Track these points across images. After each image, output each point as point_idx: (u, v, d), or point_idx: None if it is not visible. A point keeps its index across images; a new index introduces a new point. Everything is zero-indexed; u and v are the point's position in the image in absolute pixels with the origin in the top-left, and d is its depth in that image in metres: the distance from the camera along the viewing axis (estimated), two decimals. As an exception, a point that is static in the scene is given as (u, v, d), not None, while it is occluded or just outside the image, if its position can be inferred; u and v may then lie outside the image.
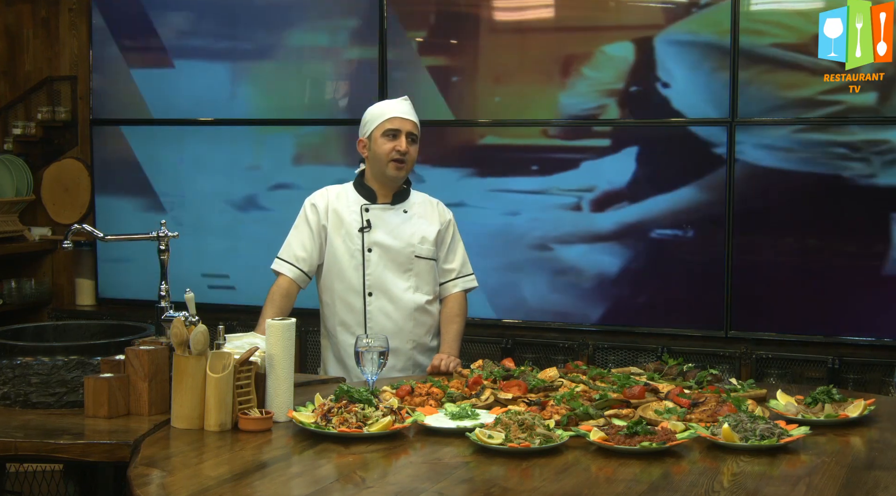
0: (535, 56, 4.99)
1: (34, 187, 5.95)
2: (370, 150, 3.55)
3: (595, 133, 4.94)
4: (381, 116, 3.53)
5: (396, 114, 3.53)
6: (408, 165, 3.54)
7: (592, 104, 4.91)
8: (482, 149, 5.12)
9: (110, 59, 5.70)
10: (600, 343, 4.89)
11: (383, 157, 3.51)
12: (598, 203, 4.94)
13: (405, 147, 3.50)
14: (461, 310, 3.64)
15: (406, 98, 3.62)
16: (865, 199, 4.57)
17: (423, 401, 2.88)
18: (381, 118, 3.53)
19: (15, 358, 2.89)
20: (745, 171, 4.70)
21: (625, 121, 4.89)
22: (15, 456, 2.65)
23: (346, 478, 2.35)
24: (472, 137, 5.12)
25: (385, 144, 3.51)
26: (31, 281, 5.90)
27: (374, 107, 3.60)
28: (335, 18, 5.33)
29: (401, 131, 3.51)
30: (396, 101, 3.60)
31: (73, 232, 3.11)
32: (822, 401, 2.83)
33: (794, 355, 4.64)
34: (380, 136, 3.51)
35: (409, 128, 3.53)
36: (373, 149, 3.54)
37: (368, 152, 3.56)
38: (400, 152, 3.50)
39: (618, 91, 4.87)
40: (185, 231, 3.39)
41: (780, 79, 4.63)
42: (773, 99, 4.65)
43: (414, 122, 3.56)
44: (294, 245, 3.58)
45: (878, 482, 2.30)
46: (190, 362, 2.70)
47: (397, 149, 3.50)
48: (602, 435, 2.55)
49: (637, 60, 4.83)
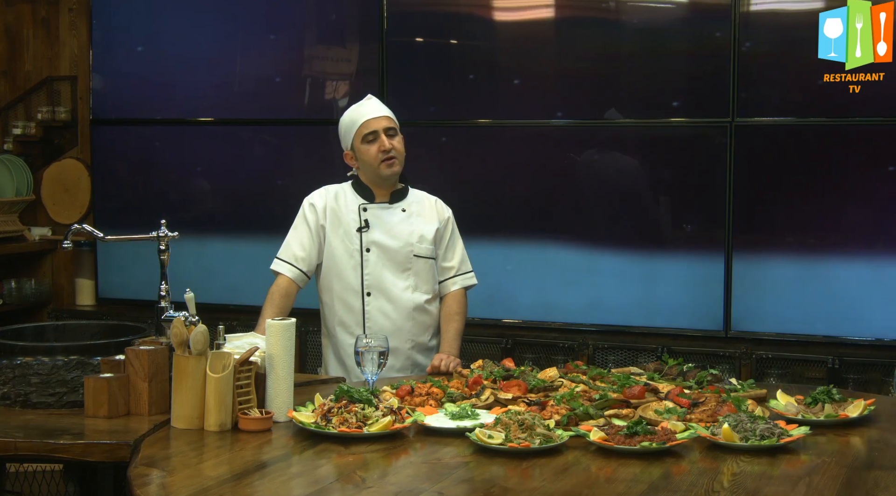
0: (535, 56, 4.99)
1: (34, 187, 5.95)
2: (358, 159, 3.56)
3: (594, 134, 4.95)
4: (353, 125, 3.54)
5: (367, 116, 3.53)
6: (399, 159, 3.54)
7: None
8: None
9: (110, 59, 5.70)
10: (600, 343, 4.89)
11: (373, 162, 3.52)
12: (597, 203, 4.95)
13: (388, 144, 3.51)
14: (461, 308, 3.64)
15: (370, 96, 3.63)
16: (866, 199, 4.57)
17: (423, 401, 2.88)
18: (355, 126, 3.53)
19: (15, 358, 2.89)
20: (746, 170, 4.70)
21: (625, 121, 4.89)
22: (15, 456, 2.65)
23: (346, 478, 2.35)
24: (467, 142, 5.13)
25: (369, 149, 3.51)
26: (31, 281, 5.90)
27: (345, 118, 3.60)
28: (336, 18, 5.33)
29: (378, 131, 3.51)
30: (362, 103, 3.61)
31: (73, 232, 3.11)
32: (822, 401, 2.83)
33: (794, 355, 4.64)
34: (361, 144, 3.52)
35: (385, 124, 3.53)
36: (360, 158, 3.55)
37: (357, 162, 3.57)
38: (385, 151, 3.50)
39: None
40: (185, 231, 3.39)
41: (780, 79, 4.63)
42: (773, 99, 4.65)
43: (387, 116, 3.56)
44: (293, 245, 3.58)
45: (878, 482, 2.30)
46: (190, 362, 2.70)
47: (382, 149, 3.50)
48: (602, 435, 2.55)
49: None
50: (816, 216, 4.65)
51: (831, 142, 4.60)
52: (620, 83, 4.88)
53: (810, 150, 4.63)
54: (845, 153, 4.59)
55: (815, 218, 4.65)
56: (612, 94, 4.89)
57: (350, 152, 3.58)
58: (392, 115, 3.58)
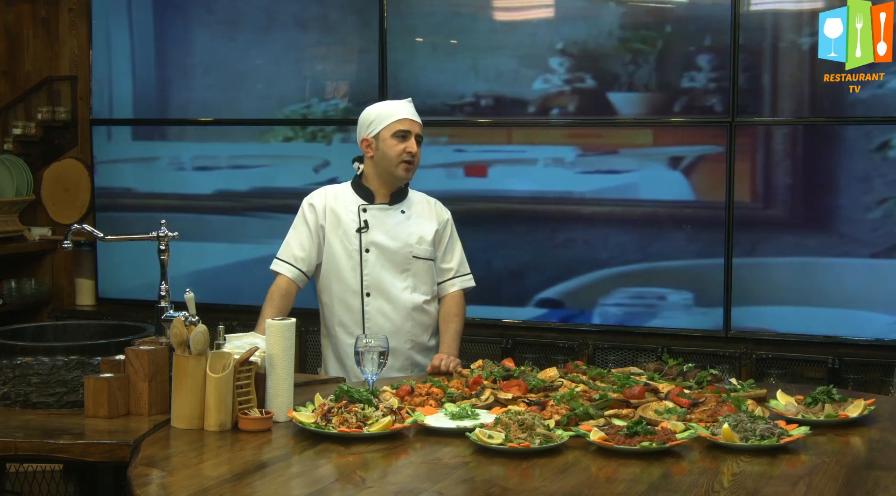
0: (535, 55, 4.99)
1: (34, 187, 5.95)
2: (377, 149, 3.54)
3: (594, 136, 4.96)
4: (389, 117, 3.52)
5: (406, 115, 3.53)
6: (415, 167, 3.55)
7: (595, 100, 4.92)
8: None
9: (110, 59, 5.70)
10: (600, 343, 4.89)
11: (394, 158, 3.51)
12: (597, 202, 4.94)
13: (415, 148, 3.52)
14: (459, 309, 3.64)
15: (410, 100, 3.63)
16: (866, 199, 4.57)
17: (423, 401, 2.88)
18: (391, 118, 3.52)
19: (15, 358, 2.89)
20: (746, 170, 4.70)
21: (625, 120, 4.89)
22: (15, 456, 2.65)
23: (346, 478, 2.35)
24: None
25: (396, 145, 3.51)
26: (31, 281, 5.89)
27: (379, 106, 3.60)
28: (335, 18, 5.33)
29: (410, 133, 3.52)
30: (402, 102, 3.60)
31: (73, 232, 3.11)
32: (822, 401, 2.83)
33: (794, 355, 4.64)
34: (389, 137, 3.51)
35: (418, 130, 3.55)
36: (381, 148, 3.53)
37: (374, 152, 3.55)
38: (411, 154, 3.51)
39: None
40: (185, 231, 3.39)
41: (780, 79, 4.63)
42: (773, 99, 4.65)
43: (421, 124, 3.58)
44: (293, 245, 3.58)
45: (878, 482, 2.31)
46: (190, 362, 2.70)
47: (408, 150, 3.50)
48: (602, 435, 2.55)
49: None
50: (816, 216, 4.65)
51: (831, 142, 4.60)
52: (621, 83, 4.88)
53: (810, 150, 4.63)
54: (845, 153, 4.59)
55: (815, 218, 4.65)
56: (612, 93, 4.89)
57: (371, 140, 3.55)
58: (422, 126, 3.58)
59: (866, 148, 4.56)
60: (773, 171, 4.69)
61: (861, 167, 4.57)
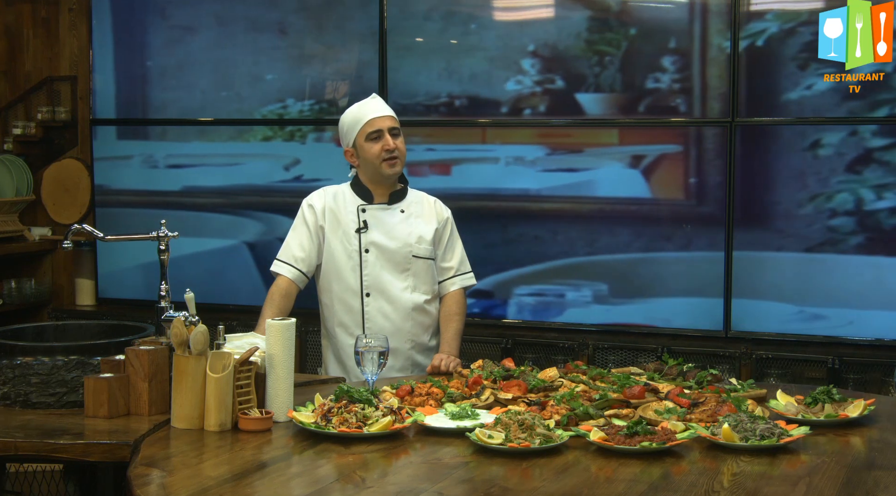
0: (535, 56, 4.99)
1: (34, 187, 5.95)
2: (359, 157, 3.56)
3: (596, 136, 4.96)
4: (358, 122, 3.54)
5: (373, 115, 3.54)
6: (401, 159, 3.55)
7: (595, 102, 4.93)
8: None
9: (110, 59, 5.70)
10: (600, 343, 4.89)
11: (374, 160, 3.52)
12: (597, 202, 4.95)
13: (392, 143, 3.51)
14: (460, 308, 3.65)
15: (374, 95, 3.65)
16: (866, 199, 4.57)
17: (423, 401, 2.88)
18: (360, 123, 3.53)
19: (15, 358, 2.89)
20: (746, 170, 4.70)
21: (625, 120, 4.89)
22: (15, 456, 2.65)
23: (346, 478, 2.36)
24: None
25: (372, 147, 3.51)
26: (31, 281, 5.89)
27: (348, 115, 3.60)
28: (336, 18, 5.33)
29: (382, 130, 3.52)
30: (366, 101, 3.61)
31: (73, 232, 3.11)
32: (822, 401, 2.83)
33: (794, 355, 4.64)
34: (364, 142, 3.52)
35: (389, 124, 3.54)
36: (361, 155, 3.55)
37: (358, 160, 3.57)
38: (389, 150, 3.51)
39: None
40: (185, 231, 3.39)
41: (780, 79, 4.63)
42: (773, 99, 4.65)
43: (391, 116, 3.57)
44: (292, 246, 3.58)
45: (878, 482, 2.31)
46: (190, 362, 2.70)
47: (385, 148, 3.51)
48: (602, 435, 2.55)
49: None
50: (816, 216, 4.65)
51: (831, 141, 4.60)
52: (620, 83, 4.88)
53: (810, 150, 4.63)
54: (845, 153, 4.59)
55: (815, 218, 4.65)
56: (611, 93, 4.89)
57: (351, 149, 3.58)
58: (395, 116, 3.58)
59: (866, 148, 4.55)
60: (773, 171, 4.68)
61: (861, 167, 4.56)
